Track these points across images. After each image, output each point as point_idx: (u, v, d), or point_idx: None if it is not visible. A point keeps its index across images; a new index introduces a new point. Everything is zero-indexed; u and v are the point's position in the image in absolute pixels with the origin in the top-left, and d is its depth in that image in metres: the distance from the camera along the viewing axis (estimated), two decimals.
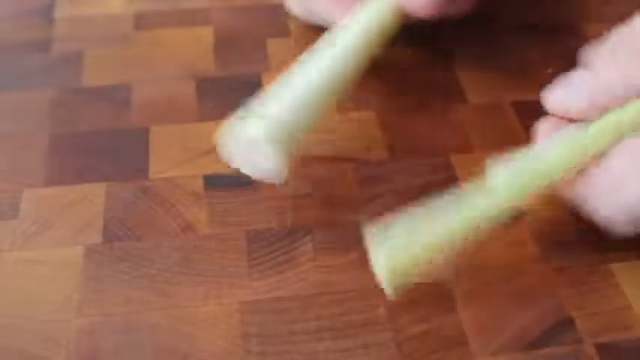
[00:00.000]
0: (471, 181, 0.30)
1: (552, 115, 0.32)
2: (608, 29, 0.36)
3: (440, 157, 0.34)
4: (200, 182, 0.34)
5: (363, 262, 0.31)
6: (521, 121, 0.37)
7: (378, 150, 0.35)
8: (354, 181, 0.34)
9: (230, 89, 0.38)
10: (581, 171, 0.29)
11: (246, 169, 0.31)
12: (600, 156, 0.29)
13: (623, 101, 0.29)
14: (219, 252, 0.31)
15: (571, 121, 0.31)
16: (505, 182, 0.29)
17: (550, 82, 0.32)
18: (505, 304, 0.29)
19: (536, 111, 0.38)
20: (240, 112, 0.31)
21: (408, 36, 0.42)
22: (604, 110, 0.29)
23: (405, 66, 0.40)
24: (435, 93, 0.39)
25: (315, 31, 0.41)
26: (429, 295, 0.30)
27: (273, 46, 0.41)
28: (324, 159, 0.35)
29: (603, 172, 0.29)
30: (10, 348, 0.28)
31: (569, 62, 0.40)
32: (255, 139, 0.30)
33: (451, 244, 0.29)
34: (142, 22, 0.43)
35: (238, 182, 0.34)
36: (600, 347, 0.28)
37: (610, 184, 0.28)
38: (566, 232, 0.32)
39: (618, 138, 0.29)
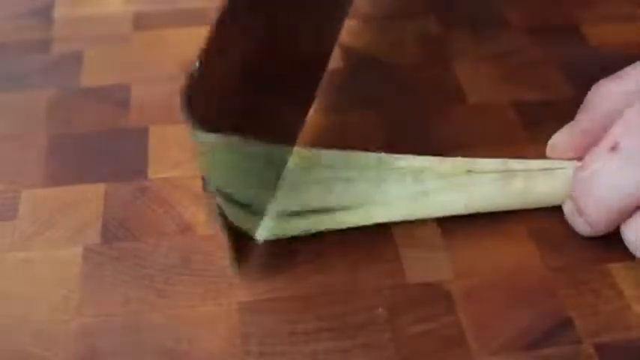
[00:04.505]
0: None
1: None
2: (608, 29, 0.36)
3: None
4: (199, 182, 0.34)
5: (363, 262, 0.31)
6: (521, 121, 0.37)
7: (377, 150, 0.35)
8: None
9: None
10: None
11: None
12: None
13: None
14: (219, 252, 0.31)
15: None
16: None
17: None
18: (504, 304, 0.29)
19: (536, 111, 0.38)
20: None
21: (407, 36, 0.43)
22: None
23: (405, 66, 0.40)
24: (435, 93, 0.39)
25: None
26: (428, 295, 0.30)
27: None
28: None
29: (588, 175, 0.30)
30: (9, 348, 0.28)
31: (568, 62, 0.41)
32: None
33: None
34: (141, 22, 0.43)
35: None
36: (599, 347, 0.28)
37: (591, 183, 0.30)
38: (565, 232, 0.31)
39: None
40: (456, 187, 0.32)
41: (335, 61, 0.40)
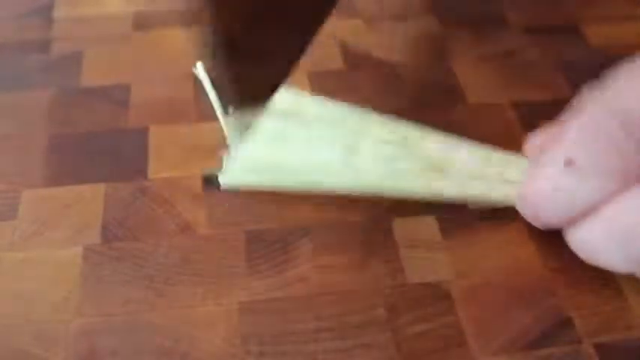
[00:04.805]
0: None
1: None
2: (608, 29, 0.36)
3: None
4: (199, 182, 0.34)
5: (363, 262, 0.31)
6: (520, 121, 0.37)
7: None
8: None
9: None
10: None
11: None
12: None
13: None
14: (219, 252, 0.31)
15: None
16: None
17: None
18: (504, 304, 0.29)
19: (536, 111, 0.38)
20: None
21: (407, 36, 0.43)
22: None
23: (405, 66, 0.40)
24: (435, 93, 0.39)
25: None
26: (428, 295, 0.30)
27: None
28: None
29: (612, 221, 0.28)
30: (8, 348, 0.28)
31: (568, 62, 0.41)
32: None
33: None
34: (141, 22, 0.43)
35: None
36: (599, 347, 0.28)
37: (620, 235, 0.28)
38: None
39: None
40: (431, 172, 0.32)
41: (335, 61, 0.40)
